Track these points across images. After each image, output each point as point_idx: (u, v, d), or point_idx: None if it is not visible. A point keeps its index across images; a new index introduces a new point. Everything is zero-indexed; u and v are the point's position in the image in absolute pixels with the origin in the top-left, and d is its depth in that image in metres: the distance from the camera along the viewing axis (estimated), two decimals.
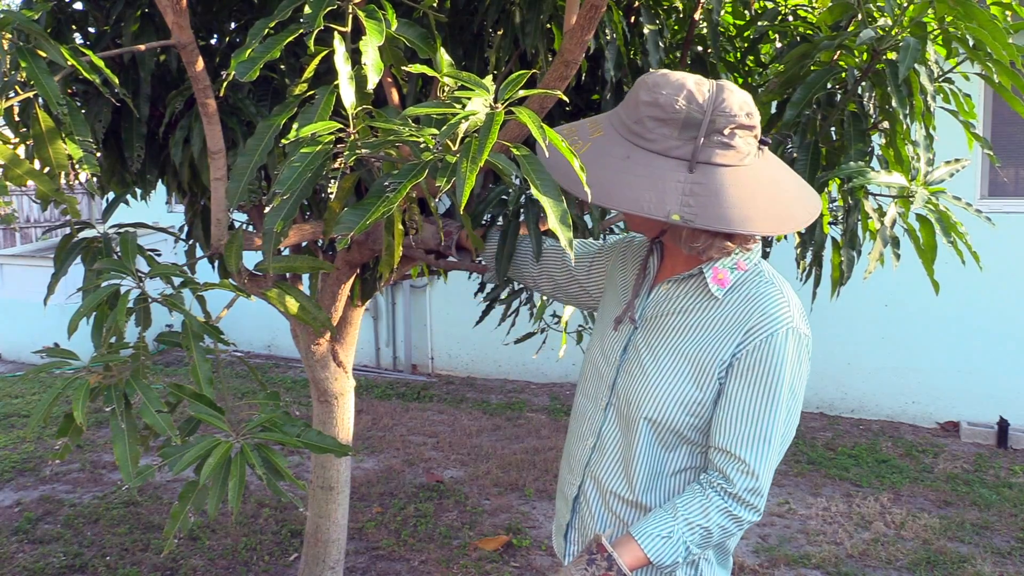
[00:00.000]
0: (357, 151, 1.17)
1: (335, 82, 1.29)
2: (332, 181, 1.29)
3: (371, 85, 1.24)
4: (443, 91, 1.24)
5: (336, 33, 1.27)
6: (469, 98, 1.08)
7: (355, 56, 1.28)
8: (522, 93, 1.10)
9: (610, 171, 1.22)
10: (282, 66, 1.87)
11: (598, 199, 1.22)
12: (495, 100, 1.08)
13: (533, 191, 1.04)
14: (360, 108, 1.31)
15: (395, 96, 1.72)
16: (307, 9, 1.23)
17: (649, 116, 1.22)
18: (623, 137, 1.25)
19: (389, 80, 1.71)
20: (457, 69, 1.93)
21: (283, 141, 1.24)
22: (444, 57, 1.34)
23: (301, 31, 1.22)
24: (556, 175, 1.15)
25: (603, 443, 1.41)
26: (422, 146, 1.13)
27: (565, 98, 1.19)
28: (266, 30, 1.26)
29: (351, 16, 1.29)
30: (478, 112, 1.05)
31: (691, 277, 1.35)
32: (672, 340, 1.34)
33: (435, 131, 1.10)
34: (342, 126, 1.24)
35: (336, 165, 1.21)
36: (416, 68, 1.20)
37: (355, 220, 1.10)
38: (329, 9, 1.24)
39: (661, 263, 1.43)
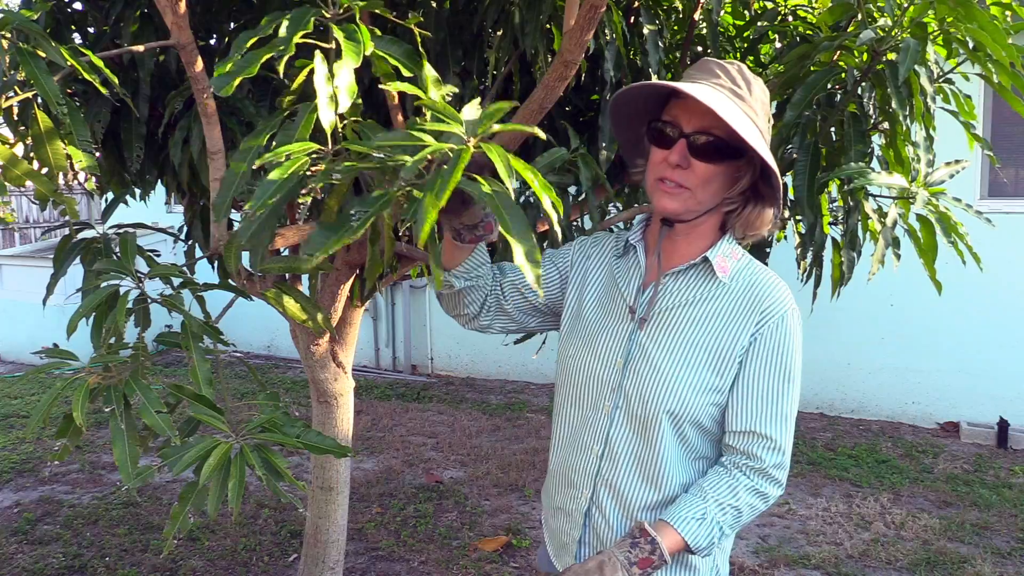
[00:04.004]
0: (328, 178, 1.16)
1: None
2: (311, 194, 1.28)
3: (342, 108, 1.22)
4: (428, 112, 1.23)
5: (317, 52, 1.25)
6: (441, 132, 1.06)
7: None
8: (496, 128, 1.07)
9: (744, 121, 1.26)
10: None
11: (751, 141, 1.24)
12: (473, 131, 1.06)
13: (501, 229, 0.99)
14: (347, 121, 1.30)
15: (395, 99, 1.72)
16: (282, 31, 1.21)
17: (760, 93, 1.31)
18: (728, 96, 1.29)
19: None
20: (456, 70, 1.95)
21: (257, 162, 1.22)
22: (429, 74, 1.32)
23: (280, 48, 1.20)
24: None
25: (613, 449, 1.37)
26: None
27: (541, 135, 1.13)
28: (249, 43, 1.24)
29: (333, 37, 1.27)
30: (444, 147, 1.03)
31: (694, 267, 1.35)
32: (683, 332, 1.33)
33: (407, 158, 1.08)
34: (319, 147, 1.23)
35: (305, 191, 1.21)
36: (397, 87, 1.20)
37: (324, 240, 1.09)
38: (307, 32, 1.22)
39: (649, 258, 1.41)
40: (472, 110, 1.11)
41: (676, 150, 1.28)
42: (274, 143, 1.27)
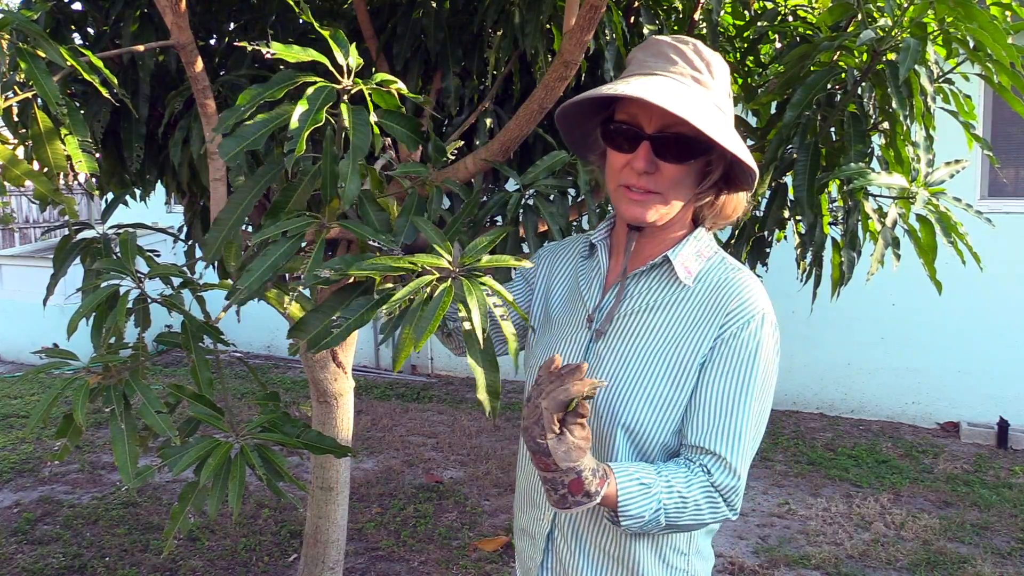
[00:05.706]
0: (315, 279, 1.18)
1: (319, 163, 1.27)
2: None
3: (348, 202, 1.23)
4: (425, 182, 1.25)
5: (327, 132, 1.23)
6: (424, 266, 1.11)
7: (347, 141, 1.25)
8: (484, 261, 1.13)
9: (712, 118, 1.13)
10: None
11: (723, 141, 1.11)
12: (456, 262, 1.11)
13: (468, 359, 1.11)
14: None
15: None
16: (293, 122, 1.15)
17: (721, 71, 1.18)
18: (689, 86, 1.16)
19: None
20: (456, 70, 1.95)
21: (256, 239, 1.23)
22: (435, 145, 1.36)
23: (285, 121, 1.17)
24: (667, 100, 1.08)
25: None
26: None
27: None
28: (256, 104, 1.20)
29: (342, 126, 1.24)
30: (428, 280, 1.09)
31: (655, 268, 1.24)
32: (642, 341, 1.21)
33: (392, 264, 1.14)
34: (316, 221, 1.26)
35: (294, 276, 1.24)
36: (404, 169, 1.21)
37: (315, 327, 1.17)
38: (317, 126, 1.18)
39: (612, 259, 1.31)
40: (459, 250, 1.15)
41: (640, 155, 1.14)
42: (273, 197, 1.29)
